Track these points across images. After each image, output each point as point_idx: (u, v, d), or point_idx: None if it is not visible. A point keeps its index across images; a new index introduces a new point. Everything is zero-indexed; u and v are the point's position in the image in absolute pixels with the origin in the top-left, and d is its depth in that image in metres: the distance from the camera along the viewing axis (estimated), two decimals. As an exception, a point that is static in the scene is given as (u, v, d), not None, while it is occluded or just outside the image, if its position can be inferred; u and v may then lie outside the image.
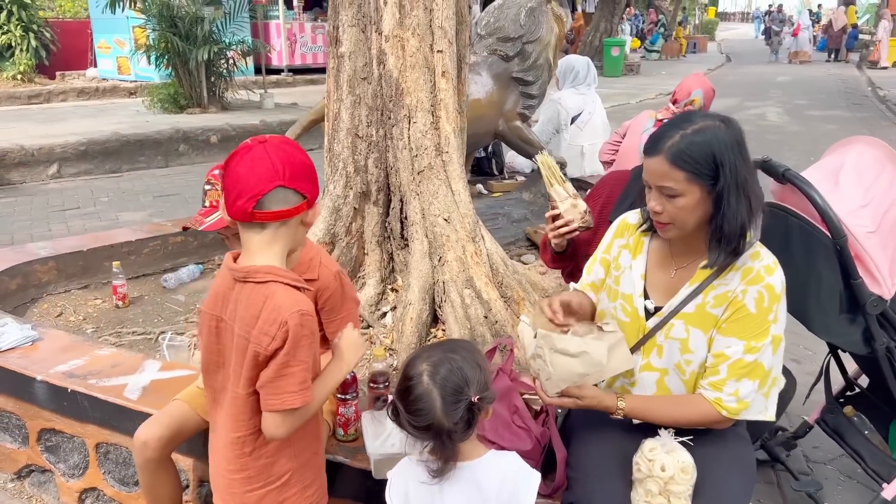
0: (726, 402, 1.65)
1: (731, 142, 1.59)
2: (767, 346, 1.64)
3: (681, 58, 25.06)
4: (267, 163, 1.42)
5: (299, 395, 1.42)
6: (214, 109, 10.30)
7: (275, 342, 1.40)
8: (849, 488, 2.67)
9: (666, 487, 1.63)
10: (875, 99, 14.67)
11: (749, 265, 1.65)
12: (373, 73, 3.11)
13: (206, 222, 1.87)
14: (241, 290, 1.47)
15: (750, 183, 1.60)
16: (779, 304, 1.64)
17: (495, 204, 5.05)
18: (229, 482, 1.55)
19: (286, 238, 1.49)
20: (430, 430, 1.41)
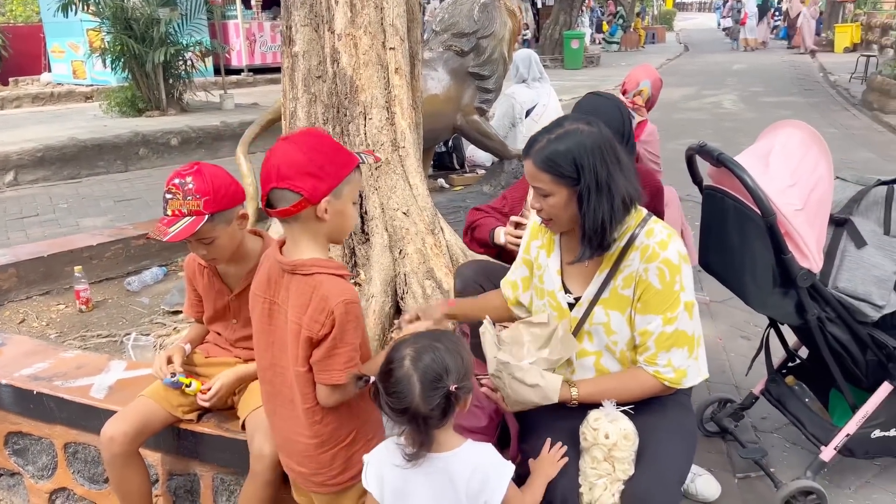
0: (664, 373, 1.77)
1: (592, 145, 1.70)
2: (682, 313, 1.75)
3: (640, 49, 25.36)
4: (269, 163, 1.56)
5: (344, 373, 1.60)
6: (174, 112, 10.21)
7: (324, 328, 1.56)
8: (793, 453, 2.81)
9: (610, 454, 1.73)
10: (826, 84, 15.06)
11: (646, 243, 1.77)
12: (327, 72, 3.17)
13: (169, 232, 1.89)
14: (290, 281, 1.62)
15: (614, 183, 1.71)
16: (680, 273, 1.75)
17: (457, 197, 5.14)
18: (305, 446, 1.71)
19: (309, 233, 1.62)
20: (406, 413, 1.46)
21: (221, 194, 1.93)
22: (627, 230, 1.79)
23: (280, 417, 1.76)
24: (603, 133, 1.75)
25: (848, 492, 2.60)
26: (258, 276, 1.73)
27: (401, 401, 1.46)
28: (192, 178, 1.90)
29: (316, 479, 1.74)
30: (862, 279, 2.19)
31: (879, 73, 11.86)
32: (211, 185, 1.91)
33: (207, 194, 1.89)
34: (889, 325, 2.27)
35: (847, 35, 21.19)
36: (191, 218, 1.89)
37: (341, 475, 1.73)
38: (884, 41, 17.33)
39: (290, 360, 1.66)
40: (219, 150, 9.01)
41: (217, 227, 1.94)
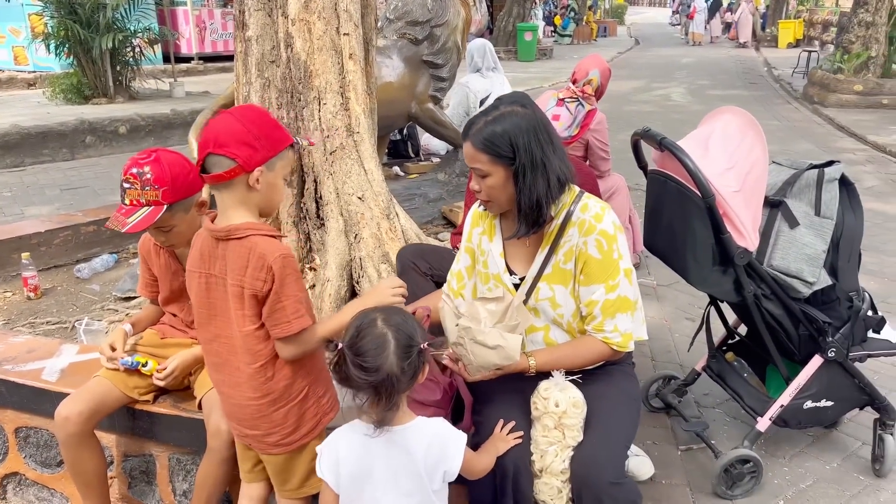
0: (612, 337, 1.86)
1: (527, 126, 1.78)
2: (623, 279, 1.85)
3: (592, 42, 25.69)
4: (208, 133, 1.61)
5: (293, 323, 1.64)
6: (121, 99, 9.99)
7: (266, 284, 1.62)
8: (734, 427, 2.95)
9: (560, 421, 1.82)
10: (770, 78, 15.54)
11: (582, 218, 1.86)
12: (281, 57, 3.17)
13: (128, 223, 1.88)
14: (226, 247, 1.67)
15: (549, 162, 1.79)
16: (617, 242, 1.85)
17: (412, 185, 5.18)
18: (257, 408, 1.74)
19: (242, 203, 1.67)
20: (379, 372, 1.47)
21: (180, 183, 1.93)
22: (563, 207, 1.88)
23: (229, 385, 1.78)
24: (536, 115, 1.83)
25: (783, 460, 2.74)
26: (191, 253, 1.77)
27: (375, 360, 1.47)
28: (150, 167, 1.89)
29: (270, 440, 1.78)
30: (794, 257, 2.32)
31: (819, 68, 12.30)
32: (169, 174, 1.91)
33: (166, 184, 1.90)
34: (819, 301, 2.41)
35: (790, 31, 21.87)
36: (149, 208, 1.90)
37: (295, 433, 1.77)
38: (824, 37, 17.99)
39: (237, 324, 1.69)
40: (169, 139, 8.85)
41: (176, 215, 1.95)
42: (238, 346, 1.72)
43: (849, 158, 7.77)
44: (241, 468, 1.95)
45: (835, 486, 2.59)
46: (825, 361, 2.44)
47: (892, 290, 4.33)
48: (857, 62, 11.30)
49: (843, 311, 2.42)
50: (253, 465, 1.92)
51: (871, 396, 2.55)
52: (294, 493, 1.86)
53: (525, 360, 1.87)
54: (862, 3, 11.33)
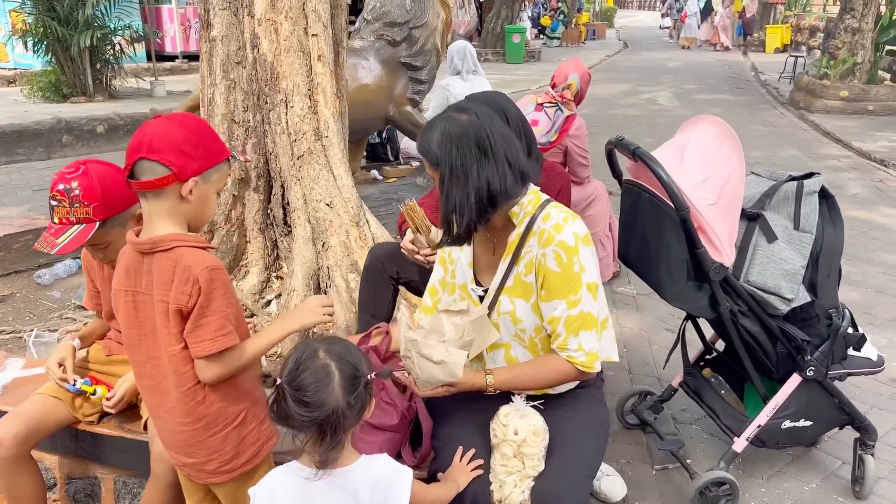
0: (577, 356, 1.75)
1: (457, 134, 1.69)
2: (585, 294, 1.73)
3: (581, 45, 25.66)
4: (141, 135, 1.49)
5: (216, 342, 1.53)
6: (101, 98, 9.83)
7: (192, 298, 1.52)
8: (710, 444, 2.86)
9: (519, 450, 1.71)
10: (757, 83, 15.53)
11: (542, 227, 1.76)
12: (247, 57, 3.06)
13: (58, 244, 1.76)
14: (151, 261, 1.56)
15: (471, 174, 1.69)
16: (577, 254, 1.73)
17: (389, 189, 5.08)
18: (191, 433, 1.63)
19: (171, 214, 1.56)
20: (323, 408, 1.35)
21: (112, 197, 1.81)
22: (526, 215, 1.79)
23: (163, 409, 1.67)
24: (476, 122, 1.72)
25: (760, 481, 2.66)
26: (117, 271, 1.64)
27: (318, 394, 1.35)
28: (77, 181, 1.76)
29: (209, 468, 1.66)
30: (772, 273, 2.23)
31: (806, 74, 12.29)
32: (100, 188, 1.78)
33: (96, 200, 1.77)
34: (798, 318, 2.32)
35: (777, 36, 21.91)
36: (80, 226, 1.78)
37: (235, 459, 1.66)
38: (811, 42, 18.01)
39: (163, 343, 1.59)
40: (148, 139, 8.70)
41: (111, 231, 1.83)
42: (166, 367, 1.61)
43: (834, 165, 7.72)
44: (188, 502, 1.83)
45: (813, 509, 2.51)
46: (804, 380, 2.36)
47: (875, 301, 4.26)
48: (843, 68, 11.29)
49: (823, 328, 2.33)
50: (201, 497, 1.79)
51: (851, 416, 2.47)
52: None
53: (483, 377, 1.77)
54: (848, 10, 11.32)
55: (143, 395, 1.73)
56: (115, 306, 1.66)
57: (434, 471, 1.80)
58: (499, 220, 1.84)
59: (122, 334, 1.67)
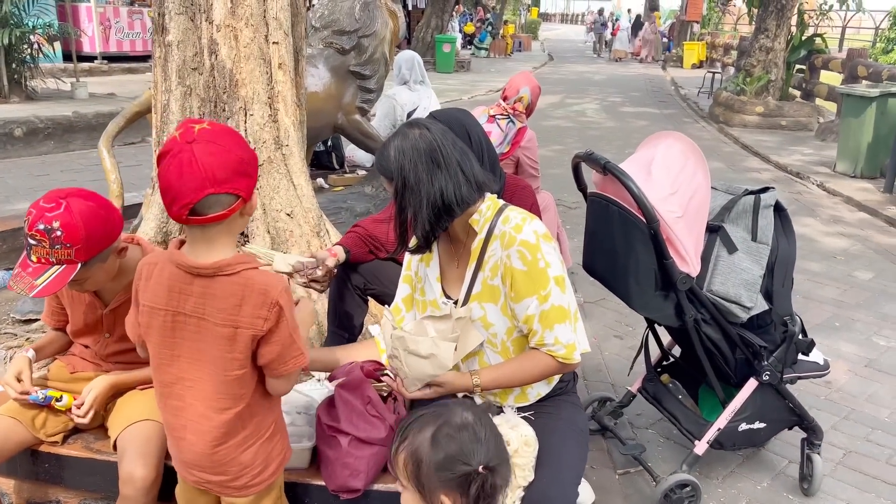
0: (556, 350, 1.79)
1: (409, 148, 1.76)
2: (553, 288, 1.78)
3: (508, 56, 26.12)
4: (196, 169, 1.40)
5: (304, 355, 1.58)
6: (17, 100, 9.34)
7: (269, 322, 1.50)
8: (667, 448, 2.97)
9: (511, 461, 1.73)
10: (677, 97, 16.20)
11: (503, 230, 1.81)
12: (204, 64, 2.98)
13: (37, 286, 1.64)
14: (209, 285, 1.51)
15: (423, 186, 1.74)
16: (541, 251, 1.78)
17: (337, 198, 5.04)
18: (226, 451, 1.60)
19: (227, 233, 1.53)
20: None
21: (95, 239, 1.71)
22: (486, 221, 1.83)
23: (190, 431, 1.61)
24: (426, 135, 1.77)
25: (716, 481, 2.77)
26: (152, 287, 1.55)
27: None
28: (59, 221, 1.65)
29: (238, 483, 1.63)
30: (733, 282, 2.34)
31: (725, 90, 12.90)
32: (83, 229, 1.67)
33: (79, 242, 1.67)
34: (755, 325, 2.44)
35: (694, 52, 22.91)
36: (61, 267, 1.68)
37: (263, 472, 1.65)
38: (725, 59, 18.90)
39: (222, 368, 1.54)
40: (70, 143, 8.32)
41: (92, 268, 1.75)
42: (211, 390, 1.56)
43: (755, 178, 8.13)
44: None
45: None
46: (759, 384, 2.48)
47: (803, 307, 4.50)
48: (757, 85, 11.91)
49: (777, 334, 2.46)
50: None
51: (801, 417, 2.61)
52: None
53: (469, 378, 1.79)
54: (763, 30, 11.96)
55: (167, 415, 1.64)
56: (146, 323, 1.57)
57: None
58: (460, 230, 1.88)
59: (150, 353, 1.60)
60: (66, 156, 7.98)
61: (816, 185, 7.88)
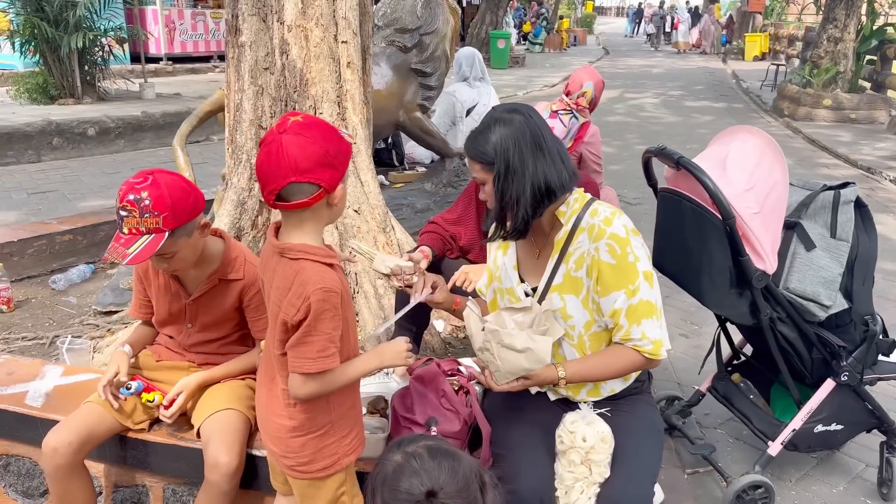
0: (643, 345, 1.77)
1: (510, 133, 1.75)
2: (642, 282, 1.76)
3: (563, 51, 25.87)
4: (282, 157, 1.48)
5: (315, 363, 1.54)
6: (90, 100, 9.70)
7: (299, 314, 1.52)
8: (737, 448, 2.91)
9: (587, 457, 1.74)
10: (739, 91, 15.78)
11: (591, 223, 1.79)
12: (276, 64, 3.06)
13: (129, 254, 1.74)
14: (278, 263, 1.59)
15: (527, 169, 1.74)
16: (630, 245, 1.77)
17: (398, 195, 5.08)
18: (278, 427, 1.67)
19: (314, 220, 1.58)
20: None
21: (181, 208, 1.79)
22: (573, 213, 1.82)
23: (263, 393, 1.73)
24: (525, 121, 1.77)
25: (789, 484, 2.71)
26: (261, 256, 1.70)
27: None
28: (147, 192, 1.75)
29: (286, 462, 1.69)
30: (811, 280, 2.28)
31: (789, 82, 12.51)
32: (169, 199, 1.77)
33: (166, 210, 1.76)
34: (833, 325, 2.38)
35: (756, 44, 22.28)
36: (150, 236, 1.76)
37: (309, 465, 1.67)
38: (790, 51, 18.33)
39: (273, 343, 1.63)
40: (139, 142, 8.62)
41: (178, 241, 1.82)
42: (272, 361, 1.66)
43: (825, 174, 7.88)
44: (274, 479, 1.86)
45: (843, 511, 2.57)
46: (837, 385, 2.41)
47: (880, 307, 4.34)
48: (825, 77, 11.52)
49: (857, 334, 2.39)
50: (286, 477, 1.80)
51: (881, 420, 2.53)
52: None
53: (554, 370, 1.77)
54: (831, 20, 11.55)
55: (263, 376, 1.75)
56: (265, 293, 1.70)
57: (498, 477, 1.81)
58: (545, 220, 1.87)
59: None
60: (135, 154, 8.26)
61: (890, 180, 7.58)
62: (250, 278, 1.99)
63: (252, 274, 1.99)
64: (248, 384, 2.08)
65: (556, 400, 1.94)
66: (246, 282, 2.00)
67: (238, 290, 2.01)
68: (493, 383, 1.76)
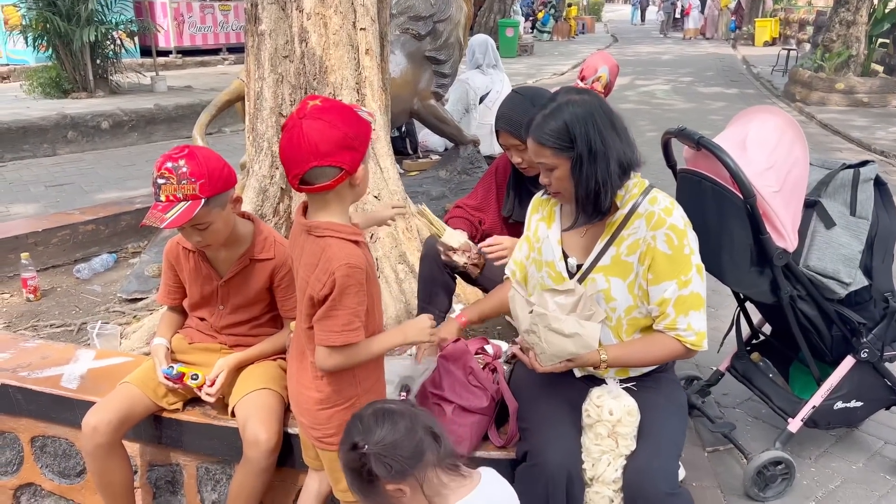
0: (686, 336, 1.79)
1: (584, 114, 1.74)
2: (695, 275, 1.79)
3: (571, 38, 25.73)
4: (303, 143, 1.53)
5: (341, 336, 1.60)
6: (102, 94, 9.77)
7: (325, 289, 1.58)
8: (756, 427, 2.94)
9: (614, 430, 1.77)
10: (750, 76, 15.68)
11: (650, 210, 1.80)
12: (295, 51, 3.08)
13: (166, 219, 1.80)
14: (306, 240, 1.65)
15: (608, 148, 1.74)
16: (687, 237, 1.79)
17: (413, 183, 5.10)
18: (306, 399, 1.74)
19: (338, 200, 1.64)
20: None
21: (216, 177, 1.86)
22: (631, 198, 1.83)
23: (294, 367, 1.80)
24: (595, 100, 1.78)
25: (809, 461, 2.74)
26: (291, 234, 1.77)
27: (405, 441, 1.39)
28: (185, 160, 1.82)
29: (314, 434, 1.76)
30: (831, 258, 2.30)
31: (801, 67, 12.43)
32: (206, 167, 1.83)
33: (203, 177, 1.82)
34: (852, 302, 2.40)
35: (766, 29, 22.09)
36: (186, 203, 1.82)
37: (336, 436, 1.69)
38: (800, 36, 18.20)
39: (302, 317, 1.70)
40: (153, 134, 8.69)
41: (212, 211, 1.87)
42: (301, 335, 1.73)
43: (839, 157, 7.83)
44: (305, 454, 1.93)
45: (863, 487, 2.59)
46: (857, 362, 2.44)
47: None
48: (838, 61, 11.44)
49: (877, 311, 2.41)
50: (316, 453, 1.86)
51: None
52: (345, 496, 1.80)
53: (597, 354, 1.79)
54: (843, 2, 11.46)
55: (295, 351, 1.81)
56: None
57: (523, 451, 1.86)
58: None
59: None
60: (149, 146, 8.32)
61: (904, 163, 7.56)
62: (280, 258, 2.04)
63: (282, 254, 2.03)
64: (280, 364, 2.12)
65: (581, 377, 1.97)
66: (276, 262, 2.04)
67: (269, 270, 2.05)
68: (538, 364, 1.78)
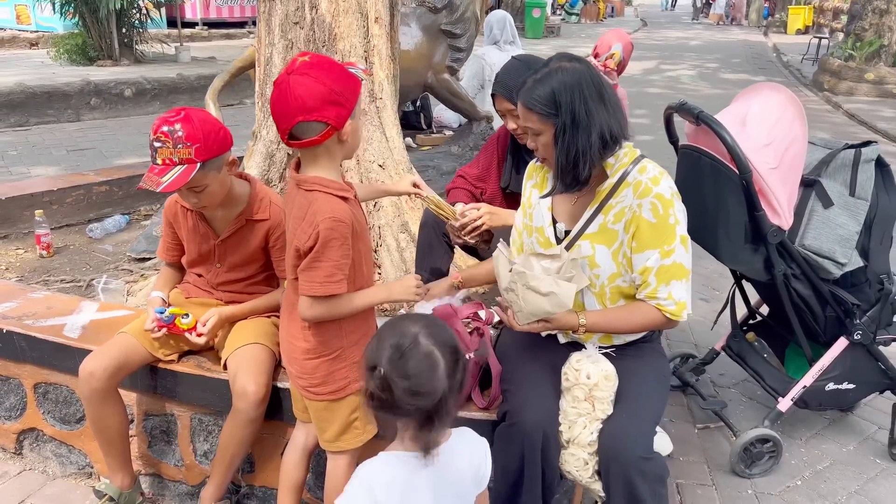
0: (666, 305, 1.81)
1: (572, 82, 1.73)
2: (678, 245, 1.79)
3: (600, 21, 25.43)
4: (289, 98, 1.57)
5: (322, 286, 1.65)
6: (127, 62, 9.87)
7: (309, 241, 1.63)
8: (749, 407, 2.95)
9: (591, 393, 1.79)
10: (779, 64, 15.42)
11: (638, 179, 1.81)
12: (305, 18, 3.11)
13: (162, 182, 1.83)
14: (296, 194, 1.70)
15: (592, 118, 1.73)
16: (673, 207, 1.79)
17: (424, 157, 5.12)
18: (294, 348, 1.80)
19: (327, 156, 1.68)
20: (434, 395, 1.31)
21: (211, 140, 1.88)
22: (621, 167, 1.83)
23: (286, 319, 1.85)
24: (586, 69, 1.78)
25: (799, 441, 2.75)
26: (286, 189, 1.82)
27: (429, 383, 1.31)
28: (181, 124, 1.84)
29: (301, 383, 1.81)
30: (827, 238, 2.29)
31: (831, 56, 12.19)
32: (201, 131, 1.86)
33: (198, 141, 1.85)
34: (848, 283, 2.39)
35: (800, 17, 21.67)
36: (182, 167, 1.85)
37: (321, 386, 1.78)
38: (834, 24, 17.80)
39: (290, 269, 1.75)
40: (175, 103, 8.75)
41: (208, 174, 1.91)
42: (290, 288, 1.79)
43: (860, 146, 7.72)
44: (295, 406, 1.98)
45: (852, 469, 2.60)
46: (850, 344, 2.43)
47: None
48: (868, 50, 11.21)
49: (872, 293, 2.40)
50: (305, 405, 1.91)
51: (894, 381, 2.54)
52: (330, 446, 1.84)
53: (575, 317, 1.82)
54: (877, -9, 11.22)
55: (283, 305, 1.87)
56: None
57: (504, 412, 1.89)
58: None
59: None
60: (170, 115, 8.41)
61: (928, 155, 7.41)
62: (276, 219, 2.07)
63: (277, 215, 2.07)
64: (273, 321, 2.17)
65: (566, 342, 2.00)
66: (272, 222, 2.08)
67: (264, 230, 2.10)
68: (515, 322, 1.81)
